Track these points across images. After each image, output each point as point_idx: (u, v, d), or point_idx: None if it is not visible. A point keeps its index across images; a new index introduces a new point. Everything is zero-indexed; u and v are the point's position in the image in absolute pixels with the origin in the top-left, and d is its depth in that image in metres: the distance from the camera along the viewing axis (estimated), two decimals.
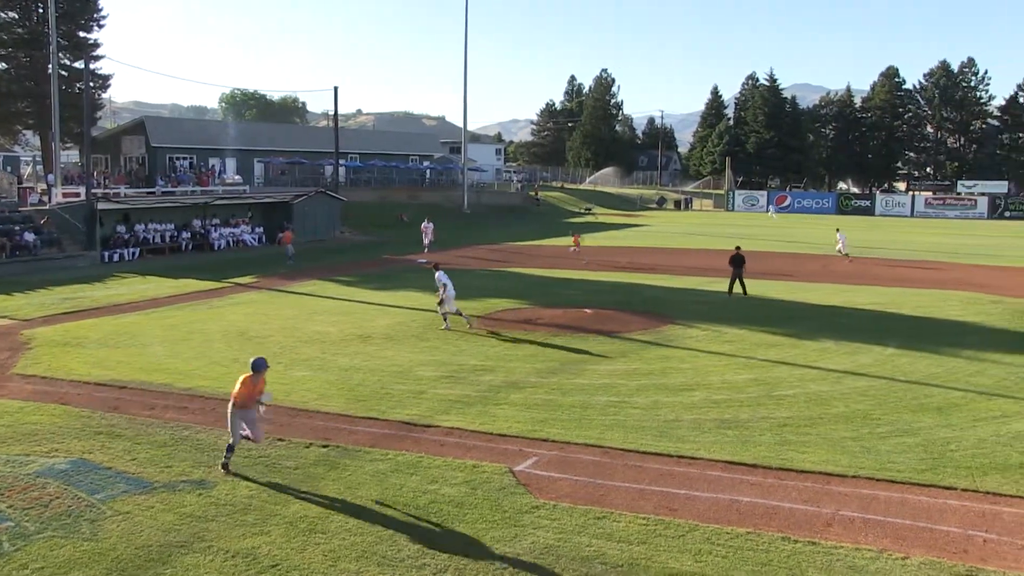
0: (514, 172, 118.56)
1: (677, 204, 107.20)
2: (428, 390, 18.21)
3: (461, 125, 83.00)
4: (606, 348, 22.50)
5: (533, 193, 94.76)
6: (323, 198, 58.79)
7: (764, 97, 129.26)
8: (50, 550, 10.79)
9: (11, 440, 14.95)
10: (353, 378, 19.34)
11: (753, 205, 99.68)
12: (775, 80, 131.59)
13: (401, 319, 26.98)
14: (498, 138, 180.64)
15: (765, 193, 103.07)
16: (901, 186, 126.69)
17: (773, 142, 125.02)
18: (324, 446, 14.60)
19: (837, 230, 48.41)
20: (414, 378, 19.29)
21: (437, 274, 25.65)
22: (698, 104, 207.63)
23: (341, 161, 70.50)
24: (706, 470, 13.60)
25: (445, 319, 25.32)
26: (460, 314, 25.44)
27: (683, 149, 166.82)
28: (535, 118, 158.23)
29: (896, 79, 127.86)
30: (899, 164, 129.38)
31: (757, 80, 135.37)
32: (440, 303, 25.32)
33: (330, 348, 22.65)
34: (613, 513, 11.94)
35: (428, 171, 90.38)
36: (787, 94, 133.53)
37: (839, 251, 45.61)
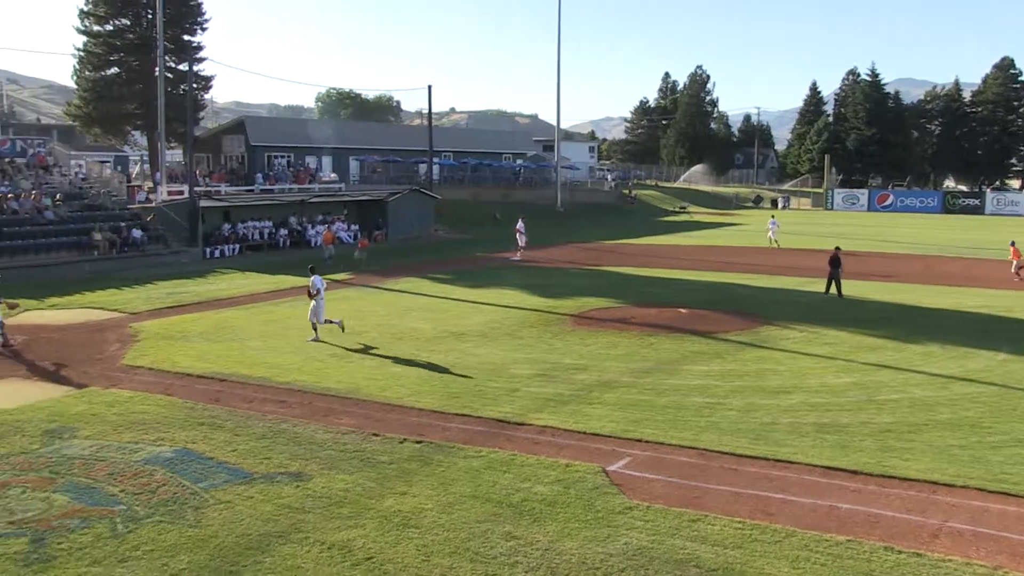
0: (607, 170, 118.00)
1: (774, 203, 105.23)
2: (522, 388, 18.28)
3: (554, 123, 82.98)
4: (701, 348, 22.25)
5: (627, 191, 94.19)
6: (417, 196, 59.47)
7: (866, 92, 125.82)
8: (158, 534, 11.19)
9: (122, 428, 15.56)
10: (447, 375, 19.50)
11: (853, 204, 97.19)
12: (877, 75, 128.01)
13: (495, 317, 27.13)
14: (591, 136, 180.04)
15: (866, 192, 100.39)
16: (1015, 184, 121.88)
17: (875, 139, 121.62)
18: (418, 442, 14.79)
19: (772, 216, 52.41)
20: (508, 376, 19.37)
21: (312, 278, 24.25)
22: (796, 101, 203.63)
23: (435, 159, 71.22)
24: (803, 475, 13.33)
25: (315, 328, 23.93)
26: (331, 321, 24.16)
27: (780, 147, 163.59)
28: (629, 115, 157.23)
29: (1012, 71, 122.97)
30: (1013, 161, 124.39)
31: (858, 75, 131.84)
32: (313, 311, 23.98)
33: (425, 344, 22.90)
34: (708, 516, 11.81)
35: (521, 169, 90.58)
36: (890, 89, 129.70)
37: (770, 239, 51.60)
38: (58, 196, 43.74)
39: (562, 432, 15.34)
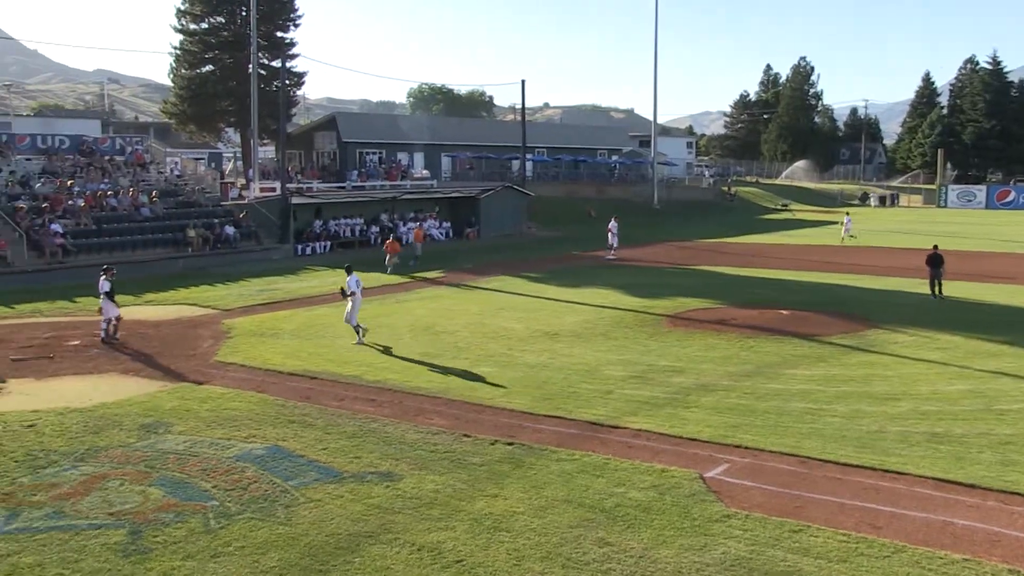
0: (706, 166, 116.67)
1: (882, 200, 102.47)
2: (616, 390, 18.19)
3: (651, 118, 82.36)
4: (803, 352, 21.80)
5: (726, 188, 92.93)
6: (510, 193, 59.71)
7: (985, 82, 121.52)
8: (249, 531, 11.47)
9: (215, 424, 16.01)
10: (539, 375, 19.55)
11: (970, 201, 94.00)
12: (999, 63, 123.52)
13: (589, 317, 27.06)
14: (689, 131, 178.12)
15: (984, 188, 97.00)
16: None
17: (995, 132, 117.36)
18: (509, 443, 14.83)
19: (847, 213, 51.68)
20: (602, 377, 19.30)
21: (348, 278, 23.98)
22: (907, 92, 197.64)
23: (528, 155, 71.43)
24: (914, 487, 12.93)
25: (358, 332, 23.59)
26: (358, 326, 23.73)
27: (889, 141, 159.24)
28: (728, 110, 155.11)
29: None
30: None
31: (977, 64, 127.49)
32: (348, 314, 23.78)
33: (516, 345, 22.97)
34: (810, 527, 11.55)
35: (616, 166, 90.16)
36: (1013, 78, 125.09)
37: (844, 236, 52.52)
38: (154, 193, 45.25)
39: (657, 436, 15.20)
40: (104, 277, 23.80)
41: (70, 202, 41.14)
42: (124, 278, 34.79)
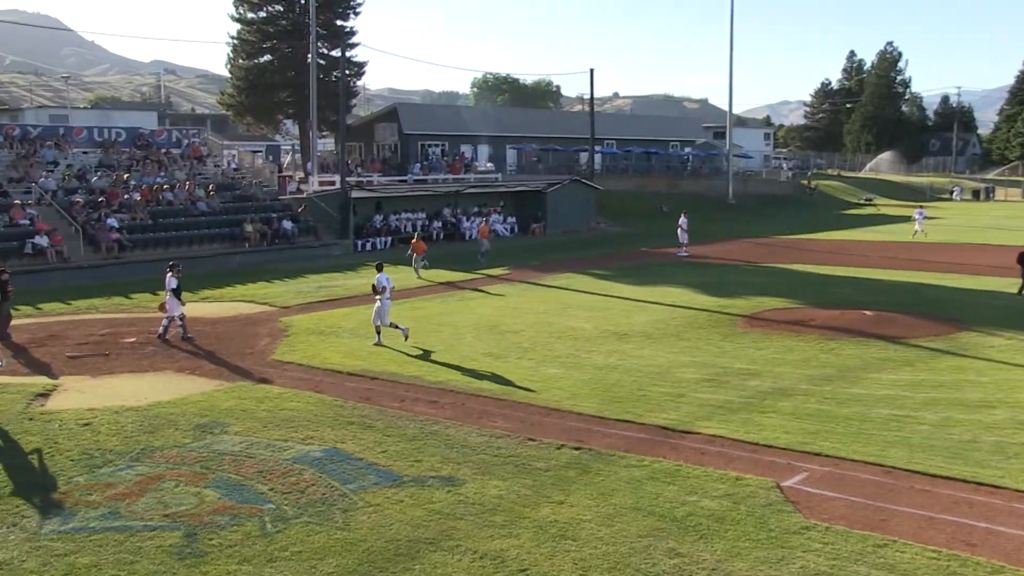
0: (784, 159, 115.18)
1: (975, 193, 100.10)
2: (688, 393, 18.06)
3: (726, 108, 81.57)
4: (888, 355, 21.40)
5: (806, 182, 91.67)
6: (578, 187, 59.61)
7: None
8: (307, 535, 11.61)
9: (271, 425, 16.24)
10: (608, 378, 19.50)
11: None
12: None
13: (660, 316, 26.91)
14: (766, 122, 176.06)
15: None
16: None
17: None
18: (576, 448, 14.80)
19: (919, 207, 50.69)
20: (673, 380, 19.19)
21: (378, 275, 23.82)
22: (1006, 78, 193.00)
23: (597, 147, 71.23)
24: (1013, 502, 12.59)
25: (378, 332, 23.57)
26: (396, 326, 23.62)
27: (984, 131, 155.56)
28: (808, 99, 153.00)
29: None
30: None
31: None
32: (377, 313, 23.60)
33: (584, 345, 22.94)
34: (897, 542, 11.32)
35: (690, 158, 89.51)
36: None
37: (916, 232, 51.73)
38: (211, 187, 46.06)
39: (732, 442, 15.05)
40: (171, 274, 24.25)
41: (126, 196, 42.09)
42: (182, 274, 35.50)
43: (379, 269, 24.32)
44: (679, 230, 45.98)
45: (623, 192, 70.45)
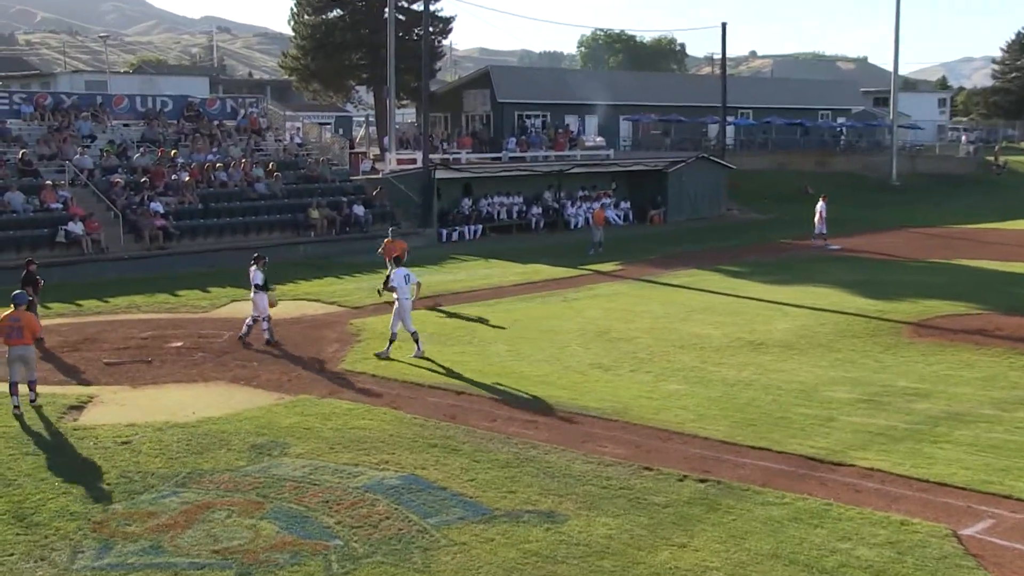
0: (964, 129, 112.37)
1: None
2: (840, 417, 17.80)
3: (890, 68, 79.96)
4: None
5: (992, 158, 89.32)
6: (705, 165, 59.13)
7: None
8: None
9: (339, 447, 16.48)
10: (741, 396, 19.33)
11: None
12: None
13: (805, 322, 26.59)
14: (942, 84, 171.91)
15: None
16: None
17: None
18: (702, 480, 14.69)
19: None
20: (821, 400, 18.93)
21: (395, 271, 23.68)
22: None
23: (729, 118, 70.49)
24: None
25: (391, 342, 23.34)
26: (414, 339, 23.24)
27: None
28: (997, 55, 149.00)
29: None
30: None
31: None
32: (396, 315, 23.28)
33: (712, 356, 22.78)
34: None
35: (843, 130, 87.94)
36: None
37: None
38: (271, 165, 46.88)
39: (895, 478, 14.77)
40: (255, 267, 24.75)
41: (173, 176, 43.00)
42: (234, 267, 36.11)
43: (396, 264, 24.19)
44: (817, 217, 44.98)
45: (760, 172, 69.58)
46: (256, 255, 25.50)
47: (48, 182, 39.66)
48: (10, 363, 19.01)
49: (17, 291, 20.35)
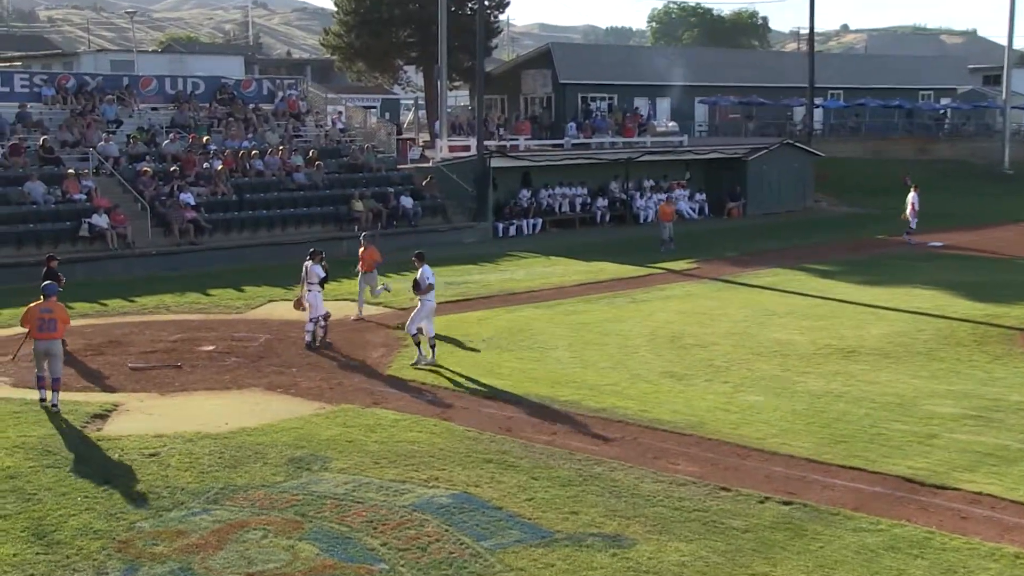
0: None
1: None
2: (943, 434, 17.62)
3: (1003, 42, 78.88)
4: None
5: None
6: (790, 153, 58.69)
7: None
8: None
9: (385, 461, 16.52)
10: (829, 409, 19.18)
11: None
12: None
13: (902, 328, 26.37)
14: None
15: None
16: None
17: None
18: (786, 503, 14.59)
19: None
20: (921, 415, 18.75)
21: (421, 268, 23.47)
22: None
23: (817, 100, 69.97)
24: None
25: (420, 347, 23.36)
26: (431, 343, 23.35)
27: None
28: None
29: None
30: None
31: None
32: (414, 317, 23.36)
33: (796, 365, 22.65)
34: None
35: (948, 113, 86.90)
36: None
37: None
38: (312, 153, 47.13)
39: (1008, 504, 14.58)
40: (313, 262, 24.91)
41: (205, 165, 43.33)
42: (271, 263, 36.46)
43: (420, 259, 23.92)
44: (909, 210, 44.34)
45: (852, 160, 68.93)
46: (312, 250, 25.73)
47: (71, 171, 39.99)
48: (37, 356, 19.55)
49: (47, 281, 20.81)
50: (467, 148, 51.06)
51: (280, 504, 14.71)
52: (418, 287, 23.19)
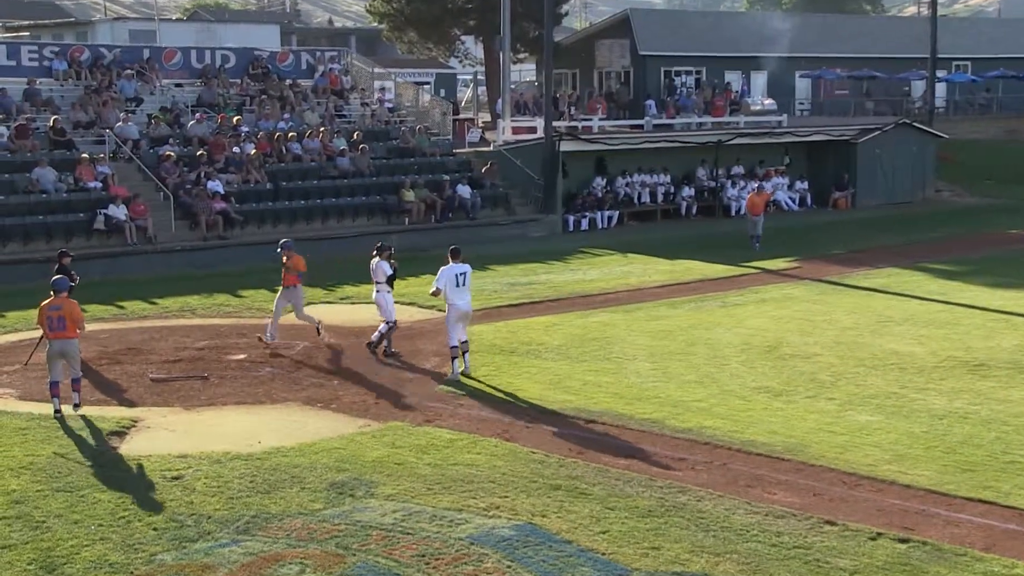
0: None
1: None
2: None
3: None
4: None
5: None
6: (907, 134, 58.26)
7: None
8: None
9: (438, 487, 16.55)
10: (954, 432, 19.01)
11: None
12: None
13: None
14: None
15: None
16: None
17: None
18: (902, 541, 14.46)
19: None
20: None
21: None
22: None
23: (940, 73, 69.28)
24: None
25: (454, 362, 23.50)
26: (455, 354, 23.48)
27: None
28: None
29: None
30: None
31: None
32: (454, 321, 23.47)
33: (914, 380, 22.48)
34: None
35: None
36: None
37: None
38: (356, 135, 47.35)
39: None
40: (379, 257, 24.98)
41: (235, 149, 43.66)
42: (310, 261, 36.60)
43: (454, 255, 23.78)
44: None
45: (981, 142, 68.28)
46: (380, 244, 25.78)
47: (84, 156, 40.32)
48: (50, 359, 19.96)
49: (57, 276, 21.14)
50: (533, 130, 51.12)
51: (319, 535, 14.77)
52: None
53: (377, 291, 25.23)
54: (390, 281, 25.18)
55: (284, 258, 26.62)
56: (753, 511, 15.45)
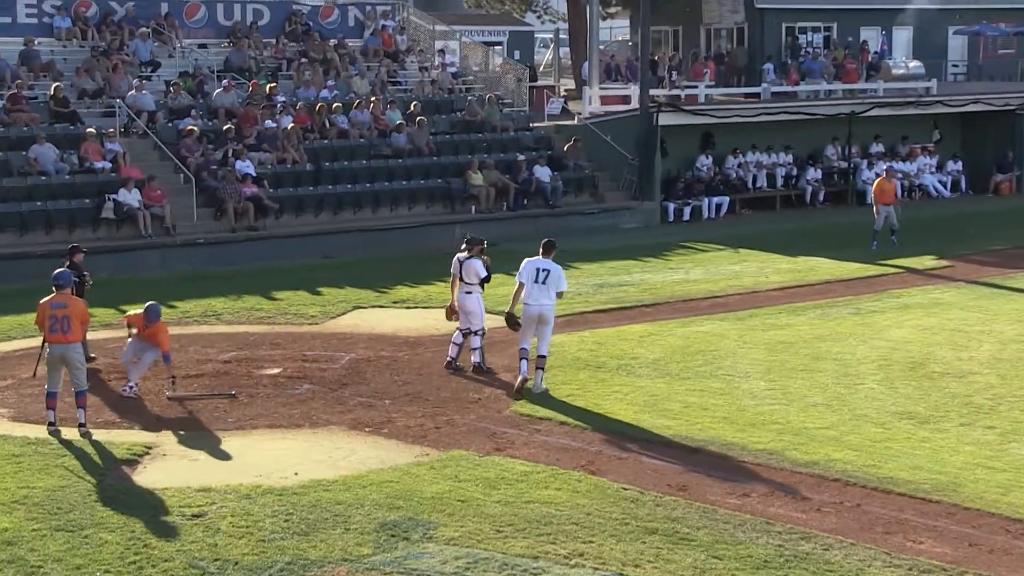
0: None
1: None
2: None
3: None
4: None
5: None
6: None
7: None
8: None
9: (510, 529, 16.47)
10: None
11: None
12: None
13: None
14: None
15: None
16: None
17: None
18: None
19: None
20: None
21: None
22: None
23: None
24: None
25: (538, 371, 23.74)
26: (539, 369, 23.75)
27: None
28: None
29: None
30: None
31: None
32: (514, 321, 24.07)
33: None
34: None
35: None
36: None
37: None
38: (413, 106, 47.25)
39: None
40: (470, 253, 24.97)
41: (269, 122, 43.66)
42: (359, 256, 36.75)
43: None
44: None
45: None
46: (469, 237, 25.67)
47: (91, 130, 40.36)
48: (50, 366, 19.99)
49: (59, 270, 21.12)
50: (626, 100, 51.04)
51: None
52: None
53: (468, 293, 25.10)
54: (483, 283, 25.18)
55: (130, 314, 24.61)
56: (893, 564, 15.26)
